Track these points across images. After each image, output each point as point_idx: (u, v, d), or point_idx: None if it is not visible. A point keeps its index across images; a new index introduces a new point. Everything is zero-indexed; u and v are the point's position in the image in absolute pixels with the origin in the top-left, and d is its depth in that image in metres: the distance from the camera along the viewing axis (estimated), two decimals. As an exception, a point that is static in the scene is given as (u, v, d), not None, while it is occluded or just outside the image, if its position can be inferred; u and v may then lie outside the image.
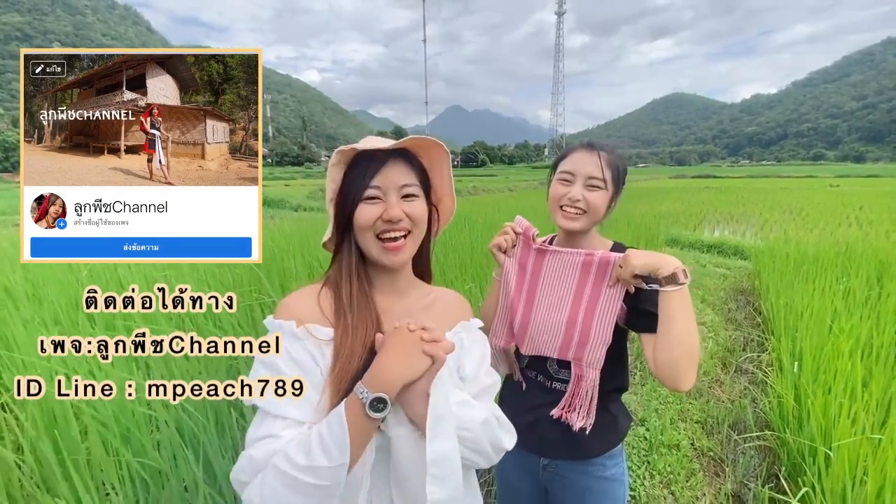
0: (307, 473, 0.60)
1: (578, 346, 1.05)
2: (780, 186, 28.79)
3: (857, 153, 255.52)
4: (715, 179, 45.96)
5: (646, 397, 2.98)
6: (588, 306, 1.04)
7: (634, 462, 2.37)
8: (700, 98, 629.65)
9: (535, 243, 1.12)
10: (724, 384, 3.31)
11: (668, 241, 8.76)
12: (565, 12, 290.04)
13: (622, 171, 1.08)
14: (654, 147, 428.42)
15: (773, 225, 11.22)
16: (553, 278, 1.09)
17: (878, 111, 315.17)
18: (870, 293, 3.48)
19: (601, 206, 1.06)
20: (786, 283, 4.09)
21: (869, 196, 18.51)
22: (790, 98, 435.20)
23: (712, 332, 4.22)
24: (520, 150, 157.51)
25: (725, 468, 2.40)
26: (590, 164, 1.05)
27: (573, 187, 1.06)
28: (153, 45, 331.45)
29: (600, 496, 1.11)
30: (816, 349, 2.54)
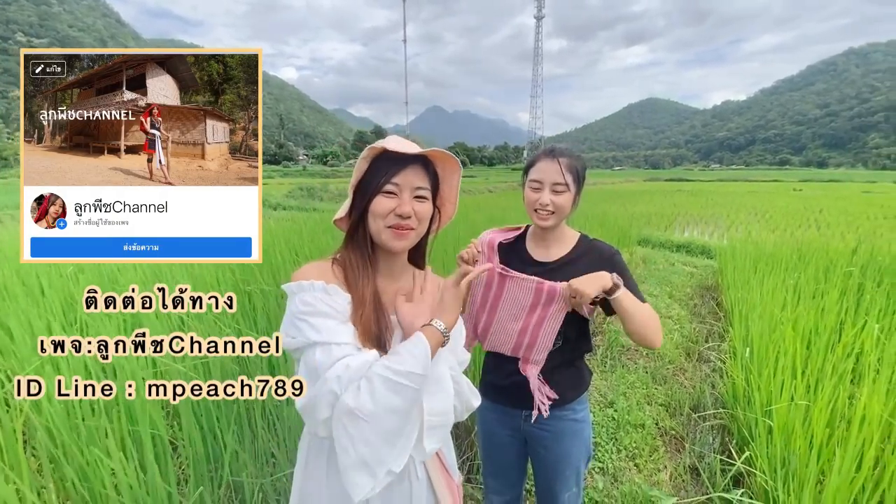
0: (405, 377, 0.75)
1: (527, 349, 1.30)
2: (747, 190, 29.96)
3: (820, 159, 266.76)
4: (687, 182, 47.42)
5: (615, 382, 3.21)
6: (537, 321, 1.28)
7: (603, 438, 2.58)
8: (673, 103, 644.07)
9: (498, 267, 1.33)
10: (688, 371, 3.58)
11: (640, 241, 9.14)
12: (544, 16, 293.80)
13: (581, 172, 1.28)
14: (629, 150, 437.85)
15: (738, 226, 11.78)
16: (512, 297, 1.31)
17: (840, 119, 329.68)
18: (817, 287, 3.81)
19: (567, 205, 1.27)
20: (743, 278, 4.41)
21: (829, 200, 19.54)
22: (758, 105, 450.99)
23: (678, 325, 4.51)
24: (499, 151, 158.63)
25: (686, 444, 2.64)
26: (553, 171, 1.25)
27: (542, 193, 1.26)
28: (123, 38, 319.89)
29: (572, 436, 1.37)
30: (765, 336, 2.81)
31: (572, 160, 1.26)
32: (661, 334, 1.24)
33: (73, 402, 1.62)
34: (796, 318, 2.96)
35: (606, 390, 3.12)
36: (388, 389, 0.74)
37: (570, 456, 1.39)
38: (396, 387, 0.74)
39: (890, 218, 12.37)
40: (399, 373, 0.75)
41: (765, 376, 2.37)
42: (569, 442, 1.38)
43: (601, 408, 2.91)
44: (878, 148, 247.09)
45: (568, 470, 1.39)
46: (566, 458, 1.38)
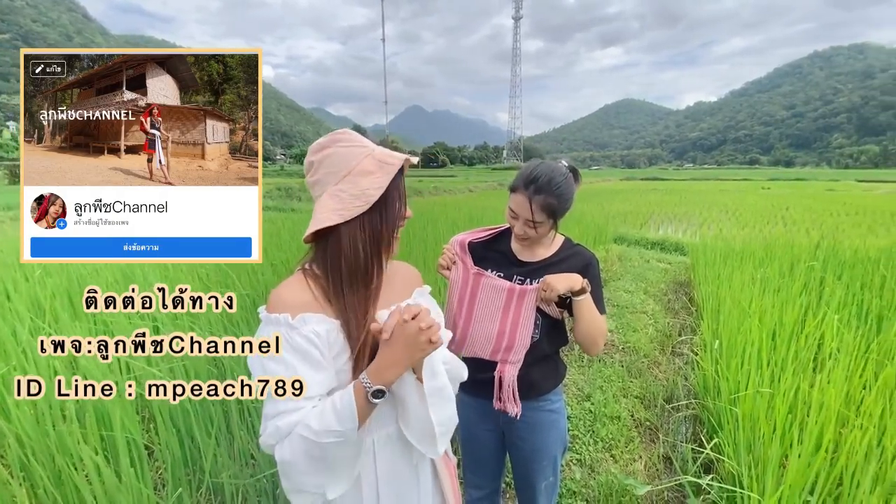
0: (323, 436, 0.76)
1: (506, 351, 1.33)
2: (719, 188, 30.84)
3: (788, 158, 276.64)
4: (662, 182, 48.50)
5: (592, 377, 3.29)
6: (513, 321, 1.31)
7: (581, 431, 2.65)
8: (648, 104, 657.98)
9: (472, 269, 1.37)
10: (662, 364, 3.69)
11: (616, 239, 9.33)
12: (522, 17, 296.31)
13: (558, 208, 1.25)
14: (606, 150, 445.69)
15: (710, 223, 12.13)
16: (486, 298, 1.34)
17: (805, 120, 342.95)
18: (782, 281, 3.98)
19: (543, 234, 1.30)
20: (714, 274, 4.57)
21: (795, 198, 20.29)
22: (728, 106, 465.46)
23: (653, 319, 4.63)
24: (479, 151, 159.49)
25: (660, 435, 2.72)
26: (525, 209, 1.23)
27: (518, 223, 1.28)
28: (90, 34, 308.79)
29: (549, 426, 1.41)
30: (733, 328, 2.92)
31: (548, 198, 1.22)
32: (601, 345, 1.31)
33: (42, 408, 1.58)
34: (762, 311, 3.10)
35: (584, 384, 3.19)
36: (307, 446, 0.77)
37: (547, 446, 1.43)
38: (314, 444, 0.77)
39: (852, 214, 12.94)
40: (318, 433, 0.76)
41: (732, 367, 2.47)
42: (546, 433, 1.42)
43: (579, 401, 2.98)
44: (842, 147, 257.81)
45: (545, 460, 1.44)
46: (543, 448, 1.43)
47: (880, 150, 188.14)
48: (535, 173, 1.23)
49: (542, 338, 1.35)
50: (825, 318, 2.85)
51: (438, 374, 0.87)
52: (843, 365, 2.26)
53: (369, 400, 0.79)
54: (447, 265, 1.40)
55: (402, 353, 0.80)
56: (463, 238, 1.43)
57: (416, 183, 33.80)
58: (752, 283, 3.92)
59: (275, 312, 0.84)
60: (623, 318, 4.53)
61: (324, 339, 0.84)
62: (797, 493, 1.57)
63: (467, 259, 1.39)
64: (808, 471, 1.64)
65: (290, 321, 0.82)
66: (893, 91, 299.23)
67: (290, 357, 0.81)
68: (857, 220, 11.41)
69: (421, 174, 75.44)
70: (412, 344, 0.80)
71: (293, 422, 0.79)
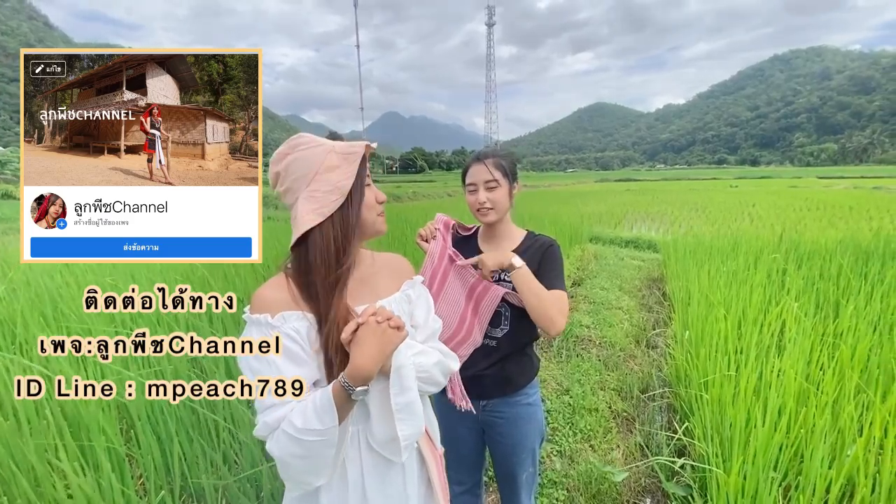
0: (305, 434, 0.80)
1: (458, 344, 1.37)
2: (689, 188, 31.84)
3: (753, 157, 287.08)
4: (635, 182, 49.71)
5: (570, 371, 3.38)
6: (472, 310, 1.37)
7: (560, 423, 2.72)
8: (620, 107, 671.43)
9: (450, 249, 1.42)
10: (637, 357, 3.81)
11: (592, 238, 9.55)
12: (495, 23, 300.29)
13: (509, 167, 1.39)
14: (580, 153, 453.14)
15: (681, 222, 12.53)
16: (455, 281, 1.40)
17: (768, 120, 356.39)
18: (747, 273, 4.16)
19: (503, 199, 1.38)
20: (684, 268, 4.75)
21: (761, 195, 21.12)
22: (696, 108, 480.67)
23: (628, 314, 4.77)
24: (457, 156, 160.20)
25: (636, 424, 2.82)
26: (482, 172, 1.36)
27: (478, 193, 1.37)
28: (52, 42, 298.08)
29: (527, 419, 1.46)
30: (701, 319, 3.06)
31: (498, 159, 1.38)
32: (558, 322, 1.28)
33: (19, 418, 1.56)
34: (728, 302, 3.24)
35: (562, 378, 3.27)
36: (291, 443, 0.81)
37: (525, 439, 1.47)
38: (298, 441, 0.81)
39: (812, 210, 13.55)
40: (300, 430, 0.80)
41: (702, 356, 2.59)
42: (524, 426, 1.46)
43: (557, 395, 3.06)
44: (803, 146, 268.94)
45: (524, 452, 1.48)
46: (522, 441, 1.47)
47: (838, 148, 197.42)
48: (480, 150, 1.43)
49: (511, 329, 1.40)
50: (786, 306, 3.00)
51: (408, 390, 0.87)
52: (803, 348, 2.40)
53: (349, 398, 0.82)
54: (426, 238, 1.46)
55: (372, 350, 0.82)
56: (447, 219, 1.49)
57: (394, 189, 33.78)
58: (718, 275, 4.09)
59: (255, 313, 0.88)
60: (599, 315, 4.65)
61: (303, 335, 0.87)
62: (760, 469, 1.67)
63: (448, 237, 1.45)
64: (770, 447, 1.74)
65: (270, 321, 0.86)
66: (849, 91, 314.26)
67: (271, 355, 0.85)
68: (817, 215, 11.97)
69: (399, 180, 75.40)
70: (379, 340, 0.82)
71: (279, 417, 0.83)
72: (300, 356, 0.87)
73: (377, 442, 0.90)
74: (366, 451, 0.93)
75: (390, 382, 0.86)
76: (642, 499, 2.20)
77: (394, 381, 0.86)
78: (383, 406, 0.88)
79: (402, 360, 0.87)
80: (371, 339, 0.82)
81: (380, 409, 0.88)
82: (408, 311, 1.01)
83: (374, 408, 0.89)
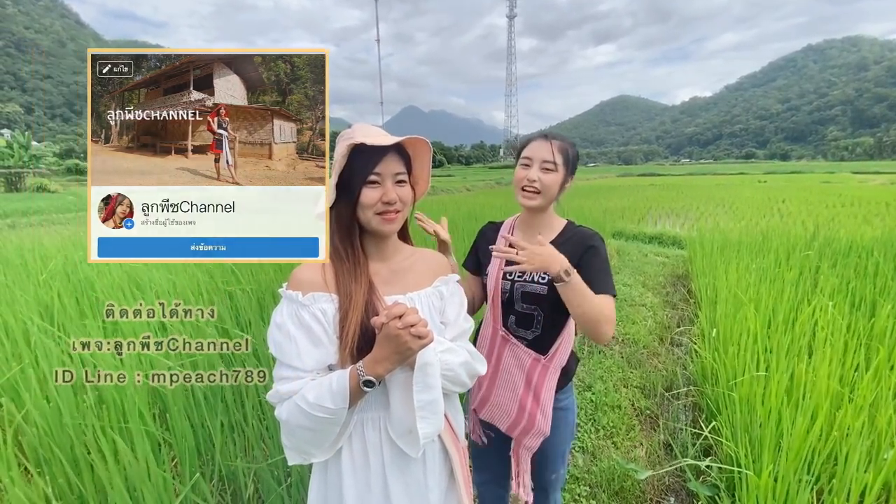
0: (316, 410, 0.83)
1: (523, 432, 1.31)
2: (715, 183, 30.95)
3: (783, 152, 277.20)
4: (658, 177, 48.57)
5: (593, 367, 3.35)
6: (534, 396, 1.29)
7: (582, 420, 2.70)
8: (643, 100, 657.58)
9: (501, 330, 1.32)
10: (661, 355, 3.75)
11: (614, 234, 9.41)
12: (516, 16, 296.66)
13: (573, 156, 1.30)
14: (602, 147, 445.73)
15: (707, 217, 12.20)
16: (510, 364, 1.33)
17: (800, 113, 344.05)
18: (777, 270, 4.04)
19: (554, 185, 1.27)
20: (711, 265, 4.64)
21: (791, 190, 20.38)
22: (724, 101, 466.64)
23: (652, 312, 4.69)
24: (476, 150, 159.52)
25: (660, 422, 2.78)
26: (544, 150, 1.26)
27: (531, 170, 1.27)
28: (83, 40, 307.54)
29: (557, 422, 1.37)
30: (730, 317, 2.98)
31: (564, 143, 1.28)
32: (606, 331, 1.15)
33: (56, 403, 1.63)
34: (758, 300, 3.16)
35: (585, 375, 3.25)
36: (301, 414, 0.85)
37: (558, 443, 1.42)
38: (307, 414, 0.84)
39: (847, 206, 13.01)
40: (311, 405, 0.83)
41: (730, 354, 2.53)
42: (556, 430, 1.39)
43: (580, 391, 3.03)
44: (837, 140, 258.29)
45: (555, 456, 1.44)
46: (554, 445, 1.41)
47: (875, 142, 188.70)
48: (548, 130, 1.32)
49: (543, 332, 1.32)
50: (819, 305, 2.91)
51: (431, 388, 0.87)
52: (837, 349, 2.32)
53: (361, 387, 0.84)
54: (431, 230, 1.43)
55: (388, 351, 0.83)
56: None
57: (413, 183, 33.67)
58: (747, 273, 3.98)
59: (290, 290, 0.92)
60: (622, 311, 4.58)
61: (329, 317, 0.90)
62: (793, 472, 1.63)
63: (497, 313, 1.34)
64: (803, 449, 1.69)
65: (301, 298, 0.90)
66: (887, 83, 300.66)
67: (294, 330, 0.89)
68: (852, 211, 11.48)
69: (418, 174, 75.25)
70: (396, 343, 0.81)
71: (291, 389, 0.87)
72: (321, 338, 0.90)
73: (395, 432, 0.91)
74: (386, 440, 0.94)
75: (414, 378, 0.86)
76: (666, 497, 2.17)
77: (417, 377, 0.86)
78: (404, 399, 0.88)
79: (429, 356, 0.86)
80: (388, 345, 0.83)
81: (401, 401, 0.89)
82: (439, 307, 1.02)
83: (395, 399, 0.90)
